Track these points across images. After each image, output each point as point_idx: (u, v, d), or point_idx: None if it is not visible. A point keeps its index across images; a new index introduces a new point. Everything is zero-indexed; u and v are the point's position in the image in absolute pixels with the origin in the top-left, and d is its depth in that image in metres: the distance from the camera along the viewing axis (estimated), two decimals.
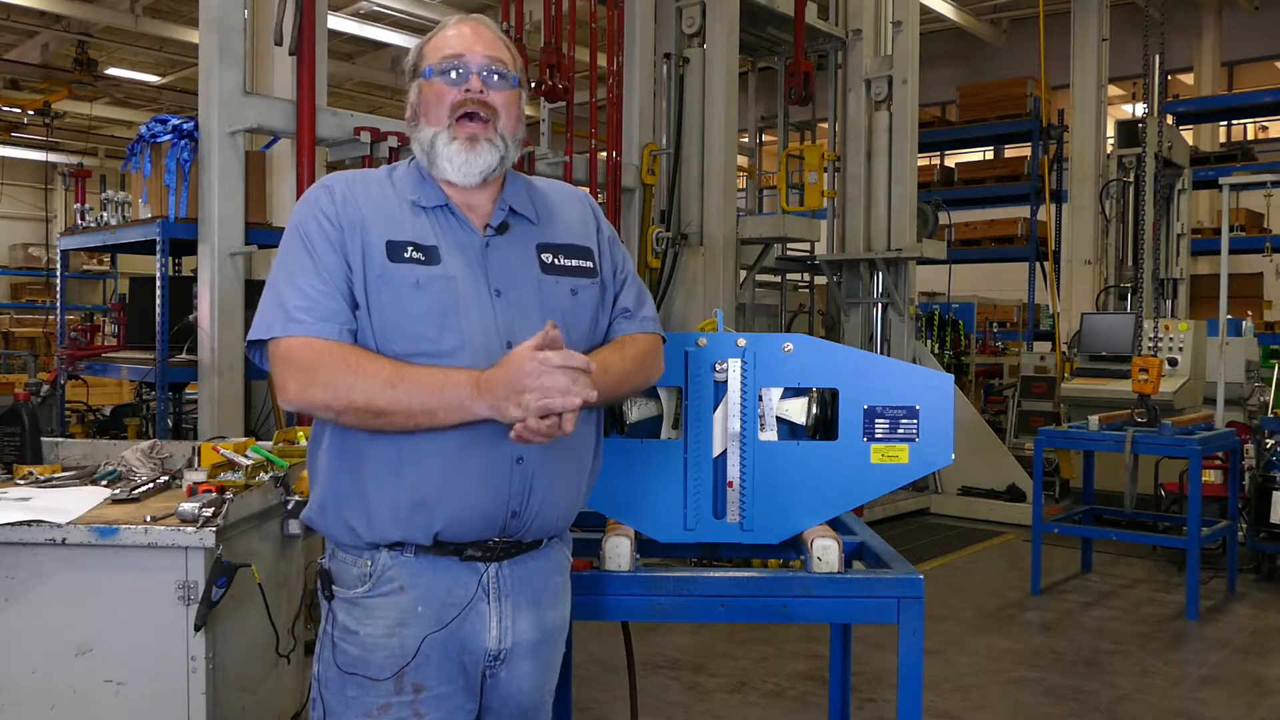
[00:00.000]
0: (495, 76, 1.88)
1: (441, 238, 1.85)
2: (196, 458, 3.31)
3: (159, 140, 5.60)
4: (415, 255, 1.80)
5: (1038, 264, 12.72)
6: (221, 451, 3.23)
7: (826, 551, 2.28)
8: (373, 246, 1.80)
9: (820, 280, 10.19)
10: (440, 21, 1.98)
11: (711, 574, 2.30)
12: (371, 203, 1.85)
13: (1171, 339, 7.93)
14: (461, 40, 1.89)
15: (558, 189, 2.06)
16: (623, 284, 2.05)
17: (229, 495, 2.76)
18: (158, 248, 5.51)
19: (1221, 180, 8.11)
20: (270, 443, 3.48)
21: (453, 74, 1.86)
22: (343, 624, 1.84)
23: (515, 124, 1.91)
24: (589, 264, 1.96)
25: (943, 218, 10.72)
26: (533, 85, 6.73)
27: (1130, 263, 9.39)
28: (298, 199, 2.23)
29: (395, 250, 1.80)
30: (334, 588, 1.86)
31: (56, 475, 3.17)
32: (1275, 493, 6.41)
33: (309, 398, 1.75)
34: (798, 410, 2.39)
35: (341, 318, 1.78)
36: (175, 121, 5.55)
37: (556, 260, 1.92)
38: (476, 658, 1.87)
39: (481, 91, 1.86)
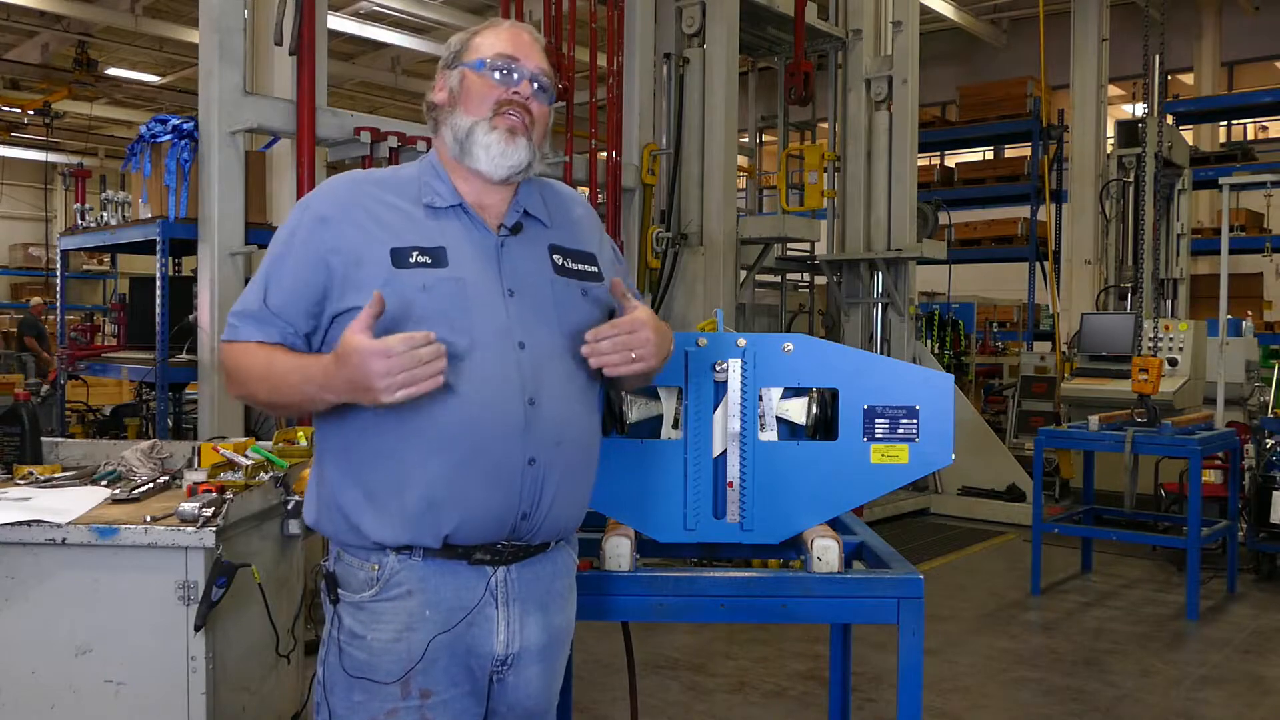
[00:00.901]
0: (539, 88, 1.91)
1: (452, 239, 1.85)
2: (196, 458, 3.31)
3: (159, 140, 5.60)
4: (421, 259, 1.80)
5: (1038, 264, 12.72)
6: (221, 451, 3.23)
7: (826, 551, 2.28)
8: (374, 256, 1.80)
9: (820, 280, 10.19)
10: (491, 19, 2.02)
11: (711, 574, 2.30)
12: (369, 211, 1.85)
13: (1171, 339, 7.93)
14: (519, 45, 1.91)
15: (566, 192, 2.08)
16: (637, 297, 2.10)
17: (229, 495, 2.76)
18: (158, 248, 5.51)
19: (1221, 180, 8.12)
20: (270, 443, 3.48)
21: (504, 73, 1.88)
22: (349, 628, 1.83)
23: (543, 139, 1.94)
24: (594, 269, 1.99)
25: (943, 218, 10.72)
26: None
27: (1130, 263, 9.39)
28: (298, 199, 2.25)
29: (400, 256, 1.80)
30: (339, 591, 1.85)
31: (56, 475, 3.17)
32: (1275, 493, 6.40)
33: (234, 394, 1.92)
34: (798, 410, 2.39)
35: (276, 325, 1.83)
36: (175, 121, 5.55)
37: (567, 263, 1.94)
38: (484, 662, 1.86)
39: (528, 99, 1.89)
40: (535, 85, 1.90)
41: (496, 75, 1.88)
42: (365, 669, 1.81)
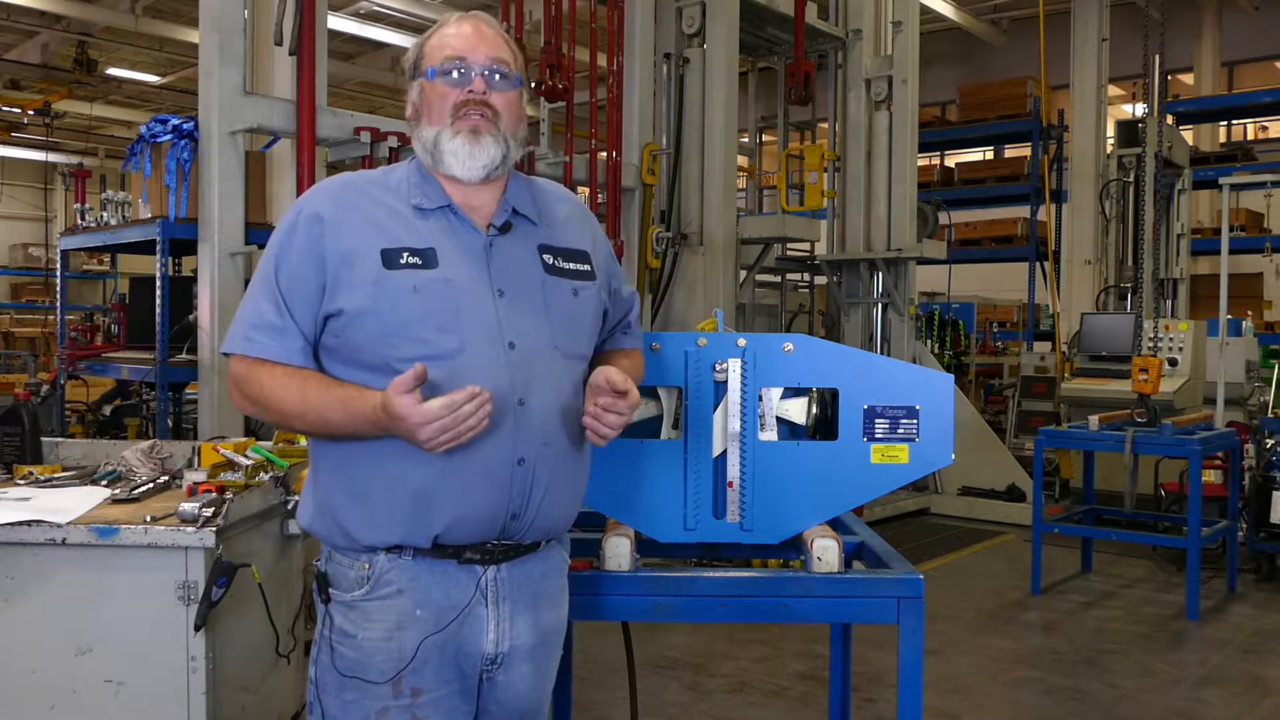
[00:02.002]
0: (497, 77, 1.88)
1: (441, 239, 1.84)
2: (196, 458, 3.31)
3: (159, 140, 5.59)
4: (412, 260, 1.80)
5: (1038, 264, 12.72)
6: (221, 451, 3.23)
7: (826, 551, 2.28)
8: (365, 257, 1.79)
9: (820, 280, 10.19)
10: (440, 19, 1.97)
11: (711, 574, 2.30)
12: (363, 213, 1.84)
13: (1171, 339, 7.93)
14: (464, 40, 1.88)
15: (556, 191, 2.07)
16: (630, 300, 2.12)
17: (229, 495, 2.76)
18: (158, 248, 5.50)
19: (1221, 180, 8.11)
20: (270, 443, 3.48)
21: (455, 74, 1.86)
22: (340, 627, 1.84)
23: (517, 124, 1.91)
24: (586, 267, 1.98)
25: (943, 218, 10.71)
26: (533, 85, 6.73)
27: (1130, 263, 9.39)
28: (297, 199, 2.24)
29: (391, 258, 1.80)
30: (331, 591, 1.85)
31: (56, 475, 3.17)
32: (1275, 493, 6.40)
33: (244, 409, 1.89)
34: (798, 410, 2.39)
35: (296, 337, 1.82)
36: (175, 121, 5.55)
37: (557, 262, 1.93)
38: (474, 661, 1.86)
39: (485, 93, 1.86)
40: (494, 76, 1.87)
41: (451, 78, 1.86)
42: (357, 668, 1.82)
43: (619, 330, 2.12)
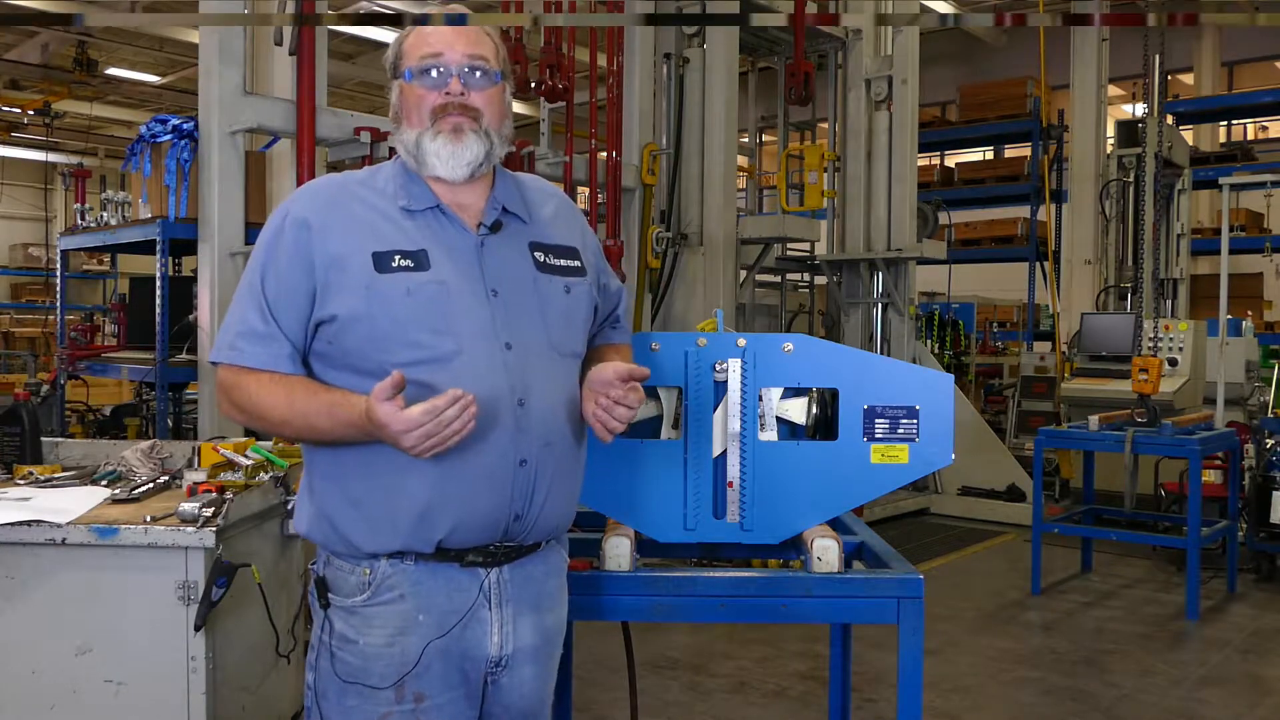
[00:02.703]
0: (477, 75, 1.84)
1: (432, 241, 1.82)
2: (196, 458, 3.32)
3: (159, 140, 5.60)
4: (403, 263, 1.78)
5: (1038, 264, 12.72)
6: (221, 451, 3.24)
7: (826, 551, 2.28)
8: (356, 261, 1.77)
9: (820, 280, 10.19)
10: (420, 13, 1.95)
11: (711, 574, 2.30)
12: (351, 215, 1.82)
13: (1171, 339, 7.92)
14: (441, 38, 1.84)
15: (541, 187, 2.04)
16: (618, 295, 2.10)
17: (229, 495, 2.76)
18: (158, 248, 5.51)
19: (1221, 180, 8.11)
20: (270, 443, 3.48)
21: (433, 74, 1.83)
22: (340, 633, 1.81)
23: (500, 120, 1.87)
24: (577, 263, 1.96)
25: (943, 218, 10.71)
26: (532, 85, 6.73)
27: (1130, 263, 9.38)
28: None
29: (382, 261, 1.77)
30: (330, 596, 1.83)
31: (56, 475, 3.17)
32: (1275, 493, 6.40)
33: (233, 417, 1.86)
34: (798, 410, 2.39)
35: (283, 345, 1.79)
36: (175, 121, 5.55)
37: (549, 259, 1.91)
38: (478, 665, 1.85)
39: (462, 94, 1.83)
40: (473, 74, 1.83)
41: (427, 79, 1.83)
42: (358, 674, 1.80)
43: (608, 325, 2.11)
